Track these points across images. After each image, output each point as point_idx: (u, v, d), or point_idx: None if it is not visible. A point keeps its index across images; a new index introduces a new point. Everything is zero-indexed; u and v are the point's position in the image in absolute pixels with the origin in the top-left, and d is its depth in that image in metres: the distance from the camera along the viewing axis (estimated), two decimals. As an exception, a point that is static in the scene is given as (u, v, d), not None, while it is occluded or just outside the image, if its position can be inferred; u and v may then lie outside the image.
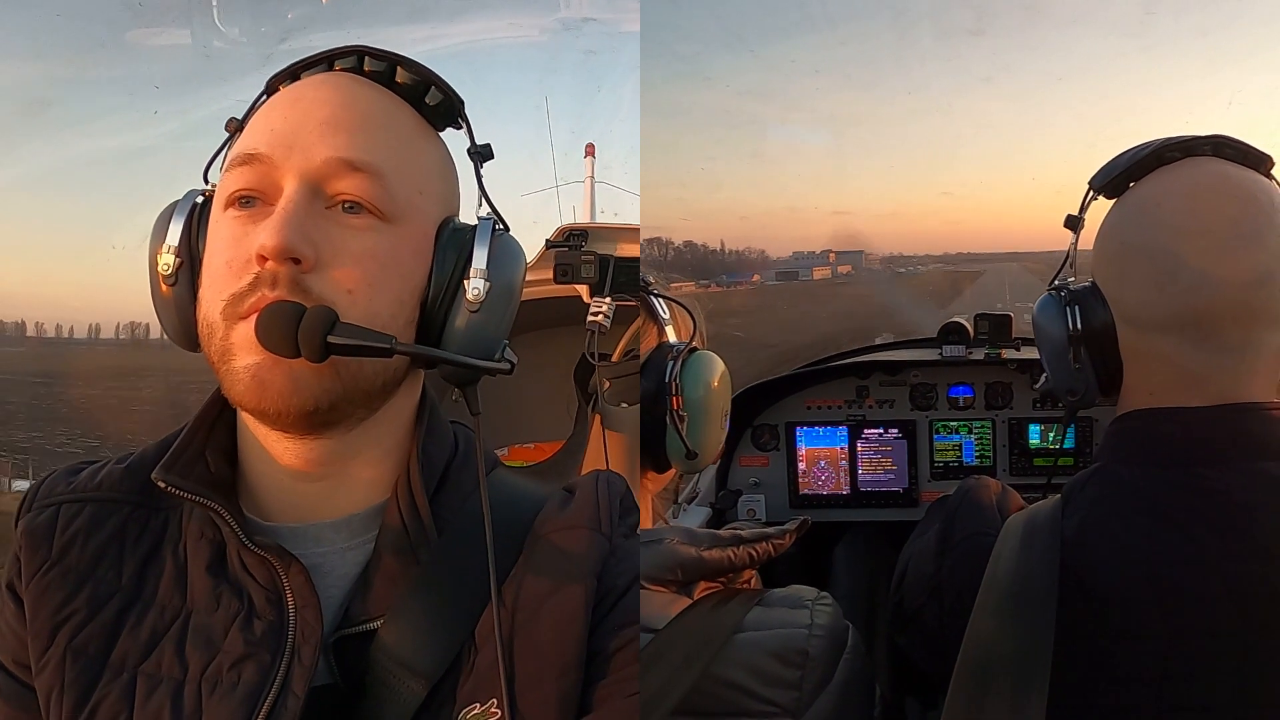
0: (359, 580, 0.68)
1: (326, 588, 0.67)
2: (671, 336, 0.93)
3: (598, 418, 1.68)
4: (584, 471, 0.80)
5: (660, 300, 0.94)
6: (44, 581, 0.69)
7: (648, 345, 0.93)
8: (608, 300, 1.64)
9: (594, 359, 1.55)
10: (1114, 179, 0.91)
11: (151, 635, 0.66)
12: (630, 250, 1.85)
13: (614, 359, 1.51)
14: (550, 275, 1.81)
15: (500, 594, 0.66)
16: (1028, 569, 0.81)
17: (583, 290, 1.80)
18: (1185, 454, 0.81)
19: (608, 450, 1.59)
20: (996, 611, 0.80)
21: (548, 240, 1.99)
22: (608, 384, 1.49)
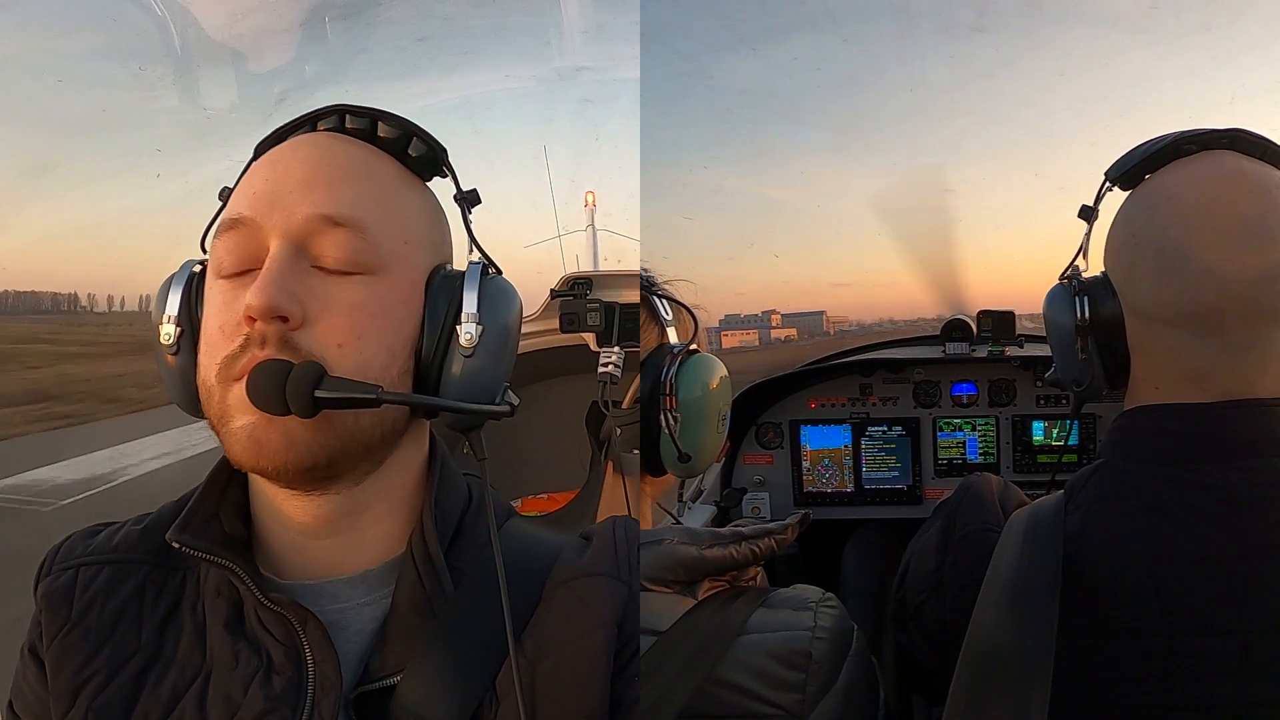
0: (377, 635, 0.68)
1: (345, 643, 0.67)
2: (673, 338, 0.92)
3: (610, 465, 1.68)
4: (599, 518, 0.79)
5: (664, 301, 0.93)
6: (65, 643, 0.69)
7: (648, 345, 0.92)
8: (617, 350, 1.64)
9: (606, 409, 1.55)
10: (1130, 170, 0.90)
11: (172, 694, 0.67)
12: (636, 296, 1.85)
13: (624, 405, 1.51)
14: (556, 325, 1.81)
15: (519, 644, 0.66)
16: (1030, 565, 0.81)
17: (589, 338, 1.80)
18: (1188, 450, 0.81)
19: (628, 496, 1.59)
20: (999, 606, 0.80)
21: (552, 290, 1.98)
22: (620, 431, 1.49)
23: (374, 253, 0.65)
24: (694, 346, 0.92)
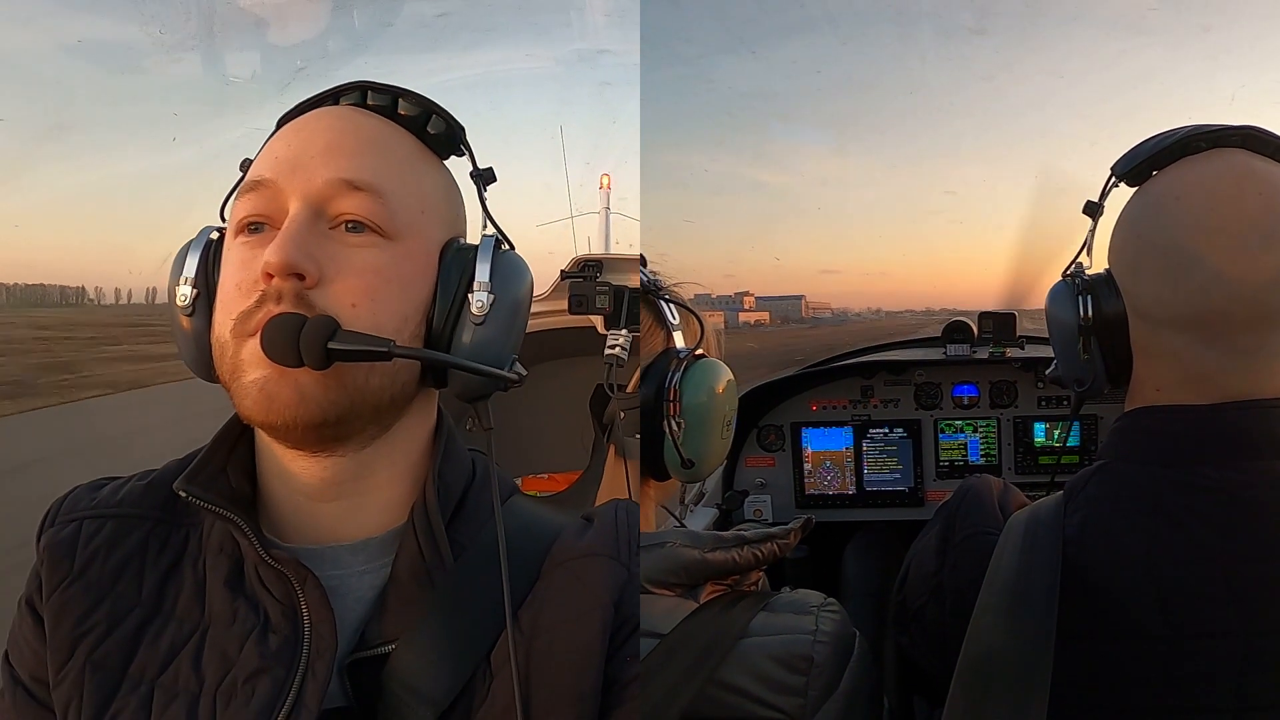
0: (375, 604, 0.68)
1: (343, 610, 0.67)
2: (679, 342, 0.91)
3: (612, 448, 1.69)
4: (599, 502, 0.80)
5: (671, 305, 0.92)
6: (65, 595, 0.69)
7: (652, 349, 0.92)
8: (624, 333, 1.64)
9: (612, 391, 1.56)
10: (1137, 166, 0.88)
11: (170, 648, 0.67)
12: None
13: (629, 390, 1.51)
14: (565, 306, 1.82)
15: (516, 619, 0.66)
16: (1029, 568, 0.80)
17: (597, 321, 1.80)
18: (1188, 452, 0.80)
19: (630, 480, 1.60)
20: (998, 610, 0.80)
21: (563, 271, 2.00)
22: (623, 415, 1.49)
23: (391, 219, 0.66)
24: (700, 351, 0.91)
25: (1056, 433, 2.12)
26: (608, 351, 1.61)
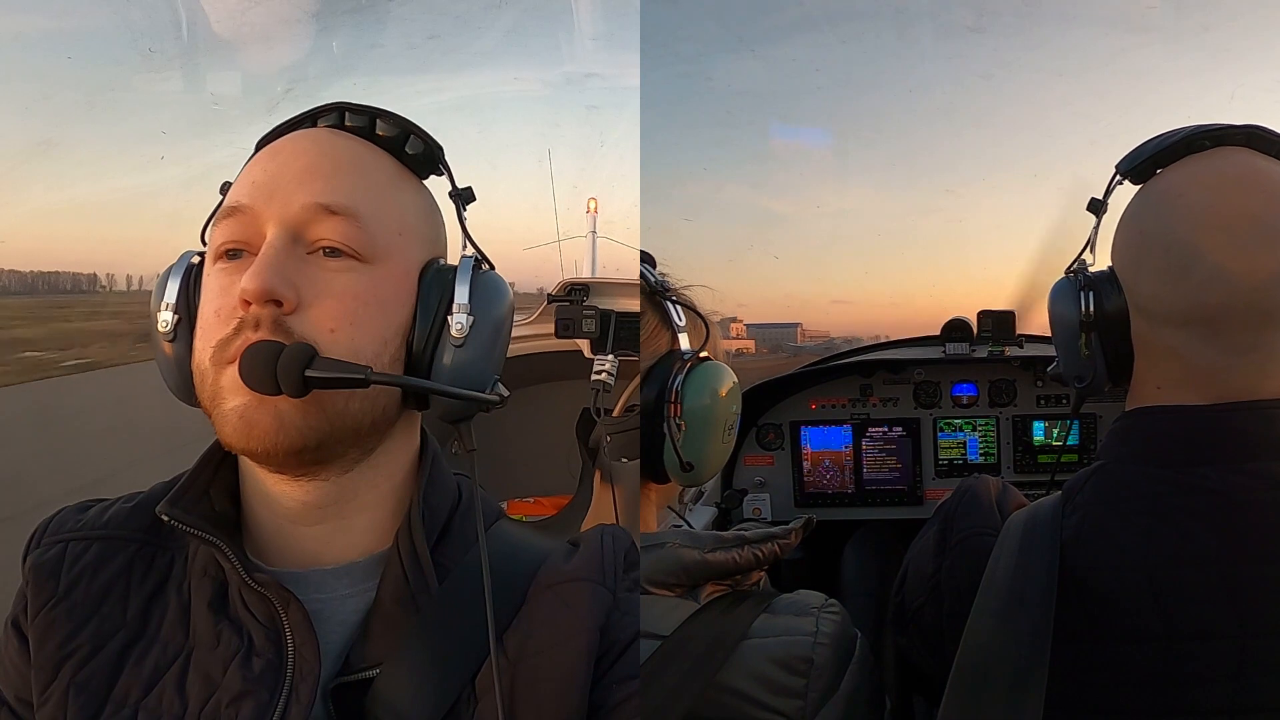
0: (359, 628, 0.68)
1: (327, 634, 0.67)
2: (684, 344, 0.90)
3: (598, 473, 1.69)
4: (586, 526, 0.79)
5: (677, 307, 0.91)
6: (50, 616, 0.69)
7: (656, 351, 0.91)
8: (610, 357, 1.64)
9: (598, 416, 1.55)
10: (1141, 164, 0.88)
11: (154, 671, 0.67)
12: (632, 305, 1.85)
13: (615, 414, 1.51)
14: (551, 329, 1.81)
15: (501, 644, 0.66)
16: (1026, 569, 0.80)
17: (584, 345, 1.80)
18: (1186, 453, 0.80)
19: (616, 504, 1.59)
20: (994, 612, 0.80)
21: (549, 294, 2.00)
22: (609, 439, 1.49)
23: (369, 242, 0.66)
24: (705, 354, 0.90)
25: (1056, 432, 2.12)
26: (594, 376, 1.61)
